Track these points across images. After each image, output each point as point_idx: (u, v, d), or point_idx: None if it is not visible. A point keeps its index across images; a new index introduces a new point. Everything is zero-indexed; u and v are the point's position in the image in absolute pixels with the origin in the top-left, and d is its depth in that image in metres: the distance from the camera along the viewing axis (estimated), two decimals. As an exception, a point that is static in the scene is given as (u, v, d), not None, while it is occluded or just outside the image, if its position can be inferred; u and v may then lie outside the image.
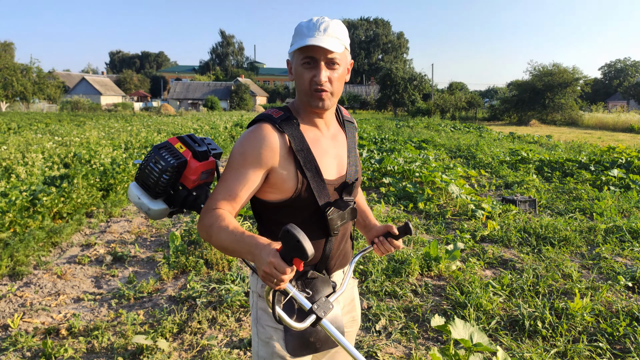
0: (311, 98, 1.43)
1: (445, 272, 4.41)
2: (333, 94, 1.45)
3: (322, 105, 1.44)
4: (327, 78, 1.41)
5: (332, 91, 1.44)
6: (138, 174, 1.51)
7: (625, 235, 5.51)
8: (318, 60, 1.40)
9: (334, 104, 1.49)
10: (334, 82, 1.43)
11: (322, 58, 1.39)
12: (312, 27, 1.39)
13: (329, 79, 1.41)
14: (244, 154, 1.42)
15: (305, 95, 1.44)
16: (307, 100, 1.45)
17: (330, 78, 1.42)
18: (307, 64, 1.41)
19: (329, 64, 1.41)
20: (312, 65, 1.40)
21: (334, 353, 1.68)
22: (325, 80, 1.40)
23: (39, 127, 20.77)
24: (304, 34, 1.39)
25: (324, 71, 1.40)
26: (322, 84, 1.40)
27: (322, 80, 1.39)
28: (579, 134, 24.60)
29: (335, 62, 1.41)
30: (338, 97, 1.49)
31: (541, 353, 3.03)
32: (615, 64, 66.02)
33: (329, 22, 1.41)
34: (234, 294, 3.79)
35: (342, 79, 1.47)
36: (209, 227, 1.38)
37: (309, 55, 1.39)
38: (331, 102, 1.46)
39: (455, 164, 10.59)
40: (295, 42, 1.42)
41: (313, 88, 1.41)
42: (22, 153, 9.61)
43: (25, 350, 3.09)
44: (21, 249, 4.68)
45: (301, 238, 1.11)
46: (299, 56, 1.42)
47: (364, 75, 77.72)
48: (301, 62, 1.41)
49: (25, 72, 45.27)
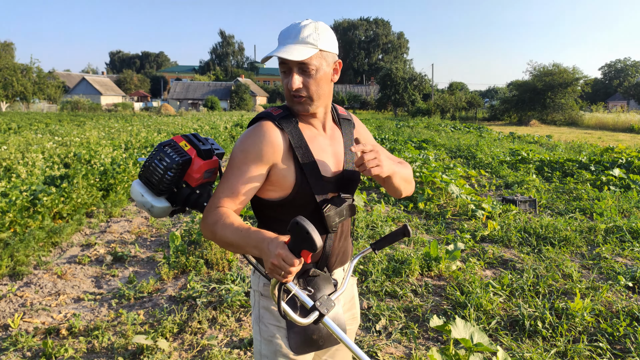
0: (291, 103, 1.48)
1: (445, 272, 4.41)
2: (312, 98, 1.46)
3: (301, 110, 1.47)
4: (300, 84, 1.43)
5: (309, 95, 1.45)
6: (142, 171, 1.52)
7: (626, 235, 5.51)
8: (290, 68, 1.42)
9: (320, 106, 1.50)
10: (311, 87, 1.44)
11: (294, 64, 1.41)
12: (286, 34, 1.42)
13: (303, 85, 1.43)
14: (245, 151, 1.44)
15: (287, 100, 1.49)
16: (290, 104, 1.50)
17: (305, 83, 1.43)
18: (283, 71, 1.45)
19: (301, 71, 1.42)
20: (286, 72, 1.44)
21: (335, 351, 1.69)
22: (298, 86, 1.42)
23: (39, 127, 20.78)
24: (279, 41, 1.44)
25: (296, 77, 1.42)
26: (295, 89, 1.43)
27: (293, 87, 1.42)
28: (579, 134, 24.60)
29: (308, 69, 1.42)
30: (325, 98, 1.50)
31: (541, 353, 3.03)
32: (615, 64, 66.03)
33: (302, 28, 1.41)
34: (234, 294, 3.79)
35: (322, 82, 1.46)
36: (213, 225, 1.38)
37: (282, 62, 1.43)
38: (312, 106, 1.47)
39: (455, 164, 10.59)
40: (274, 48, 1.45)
41: (291, 94, 1.45)
42: (22, 153, 9.61)
43: (25, 350, 3.09)
44: (21, 249, 4.68)
45: (310, 229, 1.12)
46: (278, 63, 1.46)
47: (364, 75, 77.72)
48: (280, 69, 1.46)
49: (25, 72, 45.26)
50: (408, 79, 47.60)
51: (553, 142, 17.82)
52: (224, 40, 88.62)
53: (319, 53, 1.42)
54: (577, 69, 35.34)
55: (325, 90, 1.49)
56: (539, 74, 36.20)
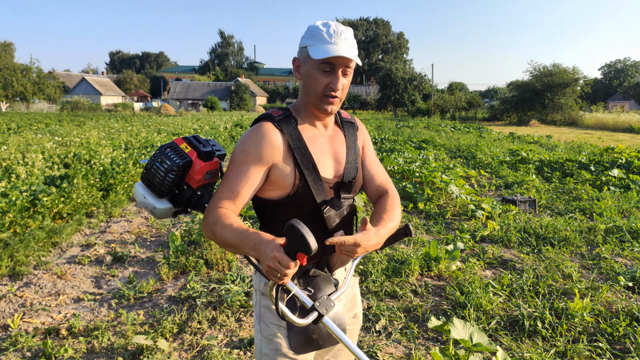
0: (321, 102, 1.47)
1: (445, 272, 4.42)
2: (341, 100, 1.50)
3: (330, 110, 1.49)
4: (342, 86, 1.46)
5: (341, 97, 1.49)
6: (144, 173, 1.54)
7: (625, 235, 5.51)
8: (336, 68, 1.43)
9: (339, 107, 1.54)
10: (345, 89, 1.49)
11: (341, 66, 1.43)
12: (334, 33, 1.42)
13: (342, 86, 1.46)
14: (245, 151, 1.45)
15: (316, 99, 1.47)
16: (316, 103, 1.48)
17: (344, 85, 1.47)
18: (324, 69, 1.43)
19: (344, 72, 1.45)
20: (329, 71, 1.44)
21: (336, 350, 1.69)
22: (340, 88, 1.45)
23: (39, 127, 20.78)
24: (325, 39, 1.41)
25: (341, 79, 1.44)
26: (337, 91, 1.45)
27: (338, 88, 1.44)
28: (579, 134, 24.61)
29: (349, 71, 1.46)
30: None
31: (541, 353, 3.03)
32: (615, 64, 66.03)
33: (346, 30, 1.45)
34: (234, 294, 3.79)
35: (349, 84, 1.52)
36: (213, 225, 1.40)
37: (328, 61, 1.42)
38: (337, 107, 1.51)
39: (455, 164, 10.59)
40: (314, 45, 1.42)
41: (326, 93, 1.45)
42: (22, 153, 9.61)
43: (25, 350, 3.09)
44: (21, 249, 4.68)
45: (305, 232, 1.13)
46: (315, 60, 1.43)
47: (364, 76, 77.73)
48: (317, 66, 1.44)
49: (25, 72, 45.25)
50: (408, 79, 47.61)
51: (553, 142, 17.83)
52: (224, 40, 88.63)
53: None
54: (577, 69, 35.40)
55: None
56: (539, 74, 36.21)
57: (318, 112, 1.51)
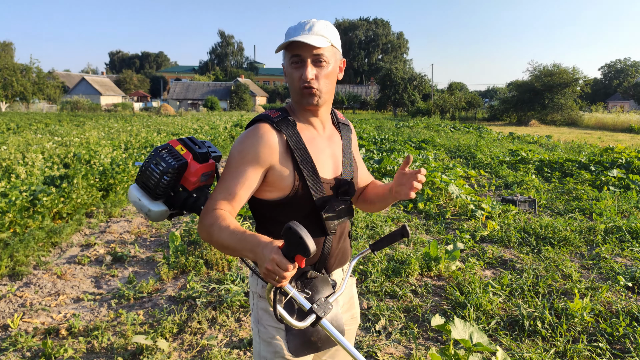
0: (301, 96, 1.47)
1: (445, 272, 4.42)
2: (322, 91, 1.47)
3: (312, 102, 1.47)
4: (314, 75, 1.43)
5: (319, 88, 1.46)
6: (139, 176, 1.52)
7: (625, 235, 5.51)
8: (304, 59, 1.42)
9: (326, 101, 1.52)
10: (321, 80, 1.45)
11: (308, 55, 1.42)
12: (298, 27, 1.44)
13: (316, 77, 1.44)
14: (242, 152, 1.44)
15: (296, 94, 1.48)
16: (298, 99, 1.48)
17: (318, 75, 1.44)
18: (294, 63, 1.44)
19: (315, 62, 1.43)
20: (299, 64, 1.44)
21: (335, 351, 1.69)
22: (312, 78, 1.43)
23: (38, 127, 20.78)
24: (291, 34, 1.43)
25: (309, 68, 1.42)
26: (309, 80, 1.43)
27: (308, 77, 1.42)
28: (579, 134, 24.61)
29: (322, 60, 1.44)
30: (330, 95, 1.52)
31: (541, 353, 3.03)
32: (615, 64, 66.02)
33: (314, 22, 1.45)
34: (234, 294, 3.79)
35: (331, 77, 1.49)
36: (210, 227, 1.38)
37: (295, 53, 1.43)
38: (322, 99, 1.48)
39: (455, 164, 10.59)
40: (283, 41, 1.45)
41: (302, 86, 1.44)
42: (22, 153, 9.61)
43: (25, 351, 3.09)
44: (21, 249, 4.68)
45: (303, 235, 1.12)
46: (287, 56, 1.46)
47: (364, 76, 77.70)
48: (290, 62, 1.45)
49: (25, 72, 45.25)
50: (408, 79, 47.63)
51: (552, 142, 17.83)
52: (224, 40, 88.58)
53: (330, 47, 1.46)
54: (577, 69, 35.41)
55: (332, 86, 1.51)
56: (538, 74, 36.22)
57: (304, 108, 1.50)
